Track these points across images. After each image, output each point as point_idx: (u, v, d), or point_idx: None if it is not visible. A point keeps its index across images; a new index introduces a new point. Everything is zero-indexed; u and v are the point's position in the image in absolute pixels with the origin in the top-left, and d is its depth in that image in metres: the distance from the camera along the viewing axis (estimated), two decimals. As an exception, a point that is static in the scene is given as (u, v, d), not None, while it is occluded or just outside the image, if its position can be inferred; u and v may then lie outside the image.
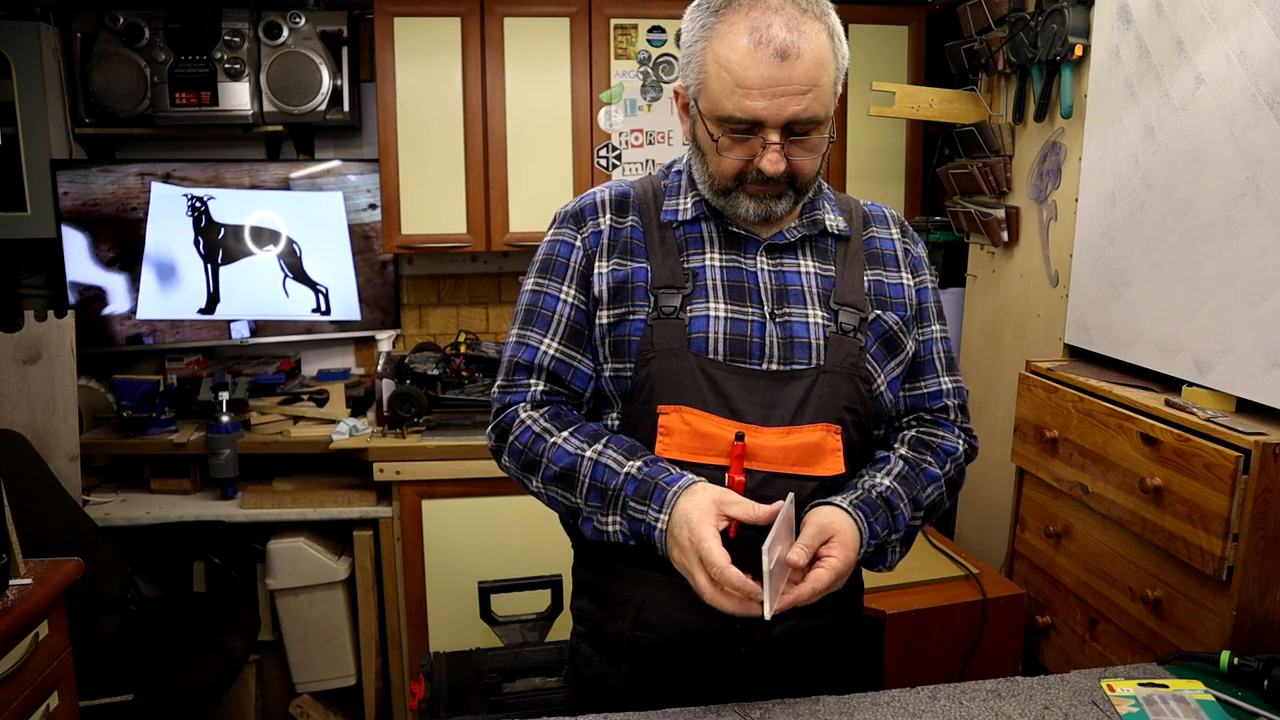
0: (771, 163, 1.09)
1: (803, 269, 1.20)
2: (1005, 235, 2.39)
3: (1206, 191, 1.62)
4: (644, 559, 1.14)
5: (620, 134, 2.76)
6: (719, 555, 0.99)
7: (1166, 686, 1.12)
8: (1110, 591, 1.74)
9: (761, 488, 1.10)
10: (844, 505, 1.09)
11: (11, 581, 1.61)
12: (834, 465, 1.13)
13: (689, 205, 1.21)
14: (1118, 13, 1.90)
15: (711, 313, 1.15)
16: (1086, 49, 2.04)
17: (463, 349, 2.72)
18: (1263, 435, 1.40)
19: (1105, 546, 1.75)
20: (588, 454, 1.11)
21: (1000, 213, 2.39)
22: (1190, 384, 1.65)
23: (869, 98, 2.49)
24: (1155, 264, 1.76)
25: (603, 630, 1.20)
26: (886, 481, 1.15)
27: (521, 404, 1.19)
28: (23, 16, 2.61)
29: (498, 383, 1.24)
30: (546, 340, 1.20)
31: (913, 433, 1.25)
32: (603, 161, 2.76)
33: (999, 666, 1.98)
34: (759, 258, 1.19)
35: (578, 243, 1.23)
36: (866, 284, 1.22)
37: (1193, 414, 1.54)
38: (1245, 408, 1.54)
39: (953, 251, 2.85)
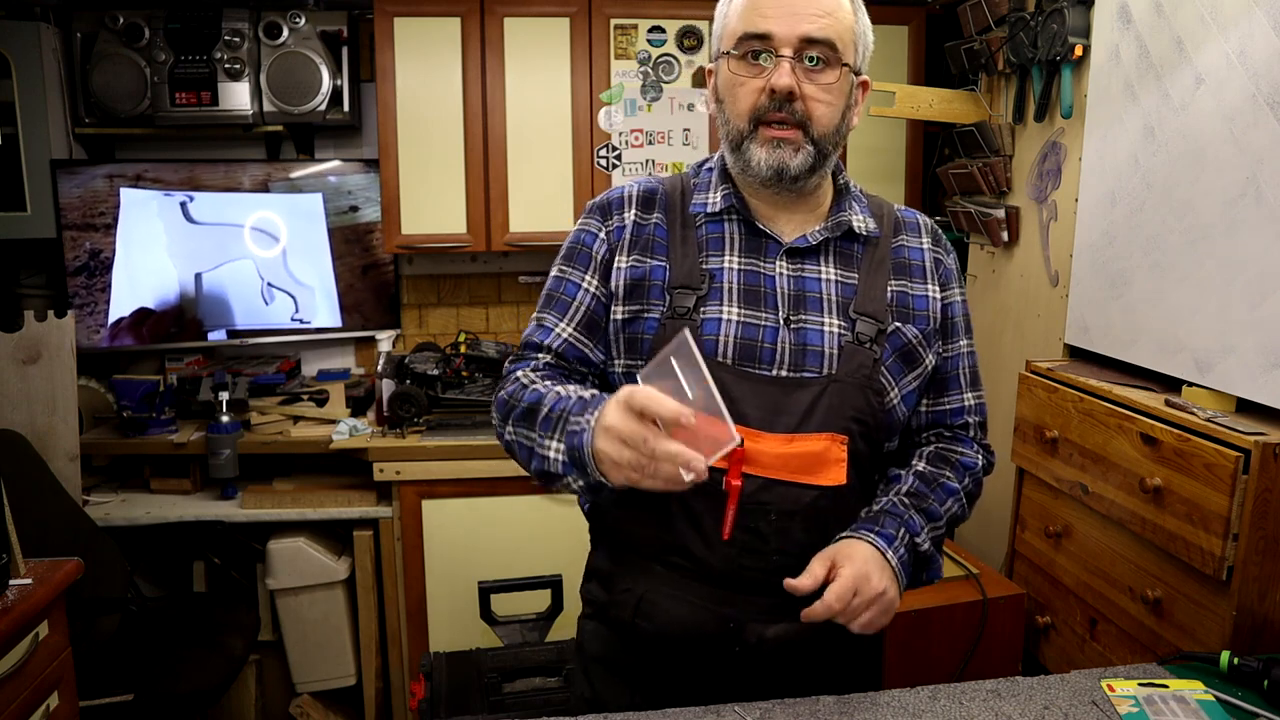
0: (782, 75, 1.09)
1: (824, 275, 1.18)
2: (1005, 235, 2.39)
3: (1206, 191, 1.62)
4: (654, 552, 1.15)
5: (620, 134, 2.76)
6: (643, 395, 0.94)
7: (1166, 686, 1.12)
8: (1110, 591, 1.74)
9: (759, 493, 1.10)
10: (844, 534, 1.11)
11: (11, 581, 1.61)
12: (835, 476, 1.12)
13: (719, 198, 1.20)
14: (1118, 13, 1.90)
15: (724, 316, 1.14)
16: (1086, 49, 2.04)
17: (463, 349, 2.72)
18: (1263, 435, 1.40)
19: (1105, 546, 1.75)
20: (557, 389, 1.10)
21: (1000, 213, 2.39)
22: (1190, 384, 1.65)
23: (869, 98, 2.49)
24: (1155, 264, 1.76)
25: (606, 614, 1.22)
26: (890, 498, 1.15)
27: (523, 370, 1.20)
28: (23, 16, 2.61)
29: (512, 358, 1.25)
30: (562, 324, 1.21)
31: (931, 448, 1.25)
32: (603, 161, 2.76)
33: (999, 666, 1.98)
34: (779, 262, 1.18)
35: (602, 234, 1.23)
36: (889, 294, 1.19)
37: (1193, 414, 1.54)
38: (1245, 408, 1.54)
39: (953, 251, 2.85)
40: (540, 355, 1.20)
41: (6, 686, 1.52)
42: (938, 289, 1.23)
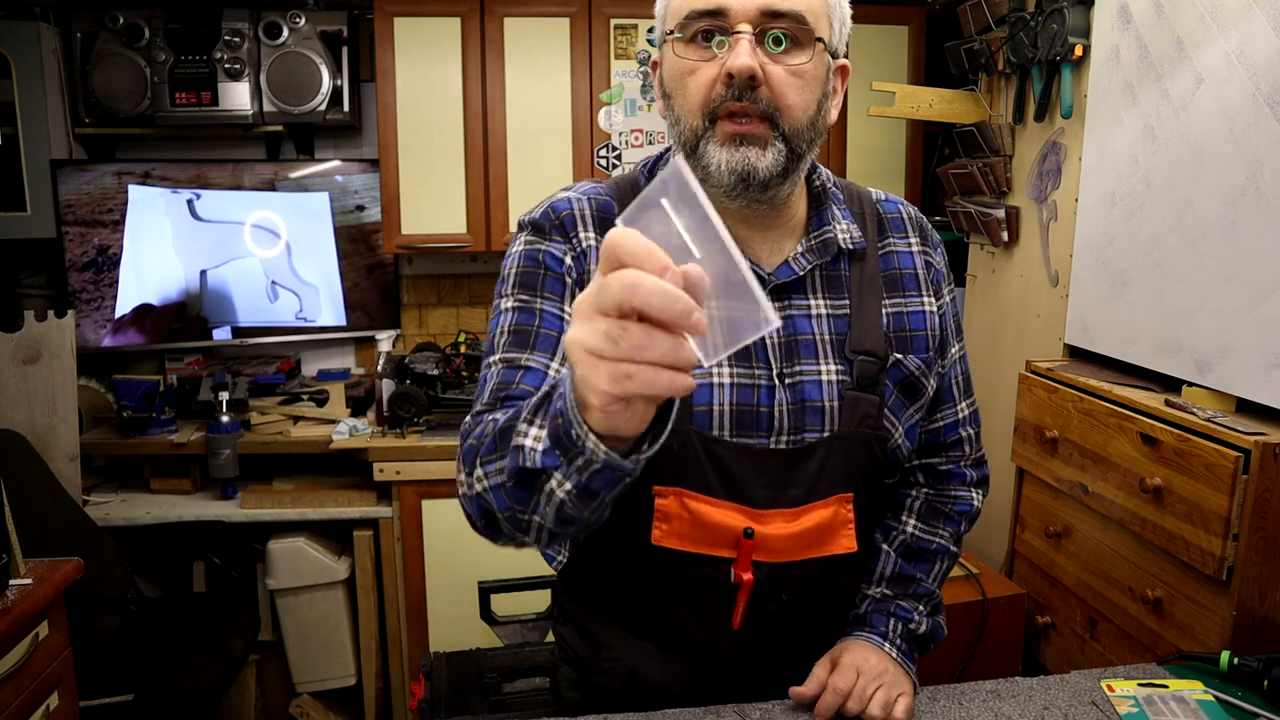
0: (740, 55, 0.88)
1: (814, 311, 1.02)
2: (1005, 235, 2.39)
3: (1206, 191, 1.62)
4: (646, 631, 1.06)
5: (620, 134, 2.76)
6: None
7: (1166, 687, 1.12)
8: (1110, 591, 1.73)
9: (769, 578, 1.00)
10: (841, 641, 1.08)
11: (11, 581, 1.61)
12: (845, 543, 1.02)
13: None
14: (1118, 13, 1.89)
15: (715, 379, 0.97)
16: (1086, 49, 2.04)
17: (463, 349, 2.72)
18: (1263, 435, 1.40)
19: (1105, 546, 1.75)
20: (545, 391, 0.78)
21: (1000, 213, 2.39)
22: (1190, 384, 1.65)
23: (869, 98, 2.49)
24: (1155, 264, 1.76)
25: (589, 679, 1.11)
26: (873, 594, 1.11)
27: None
28: (23, 16, 2.61)
29: (474, 411, 0.93)
30: (555, 363, 0.94)
31: (923, 499, 1.16)
32: (603, 161, 2.76)
33: (999, 666, 1.98)
34: None
35: (568, 258, 1.00)
36: (885, 318, 1.05)
37: (1193, 414, 1.54)
38: (1245, 408, 1.54)
39: (953, 251, 2.84)
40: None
41: (6, 686, 1.52)
42: (931, 298, 1.09)
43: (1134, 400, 1.67)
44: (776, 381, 0.99)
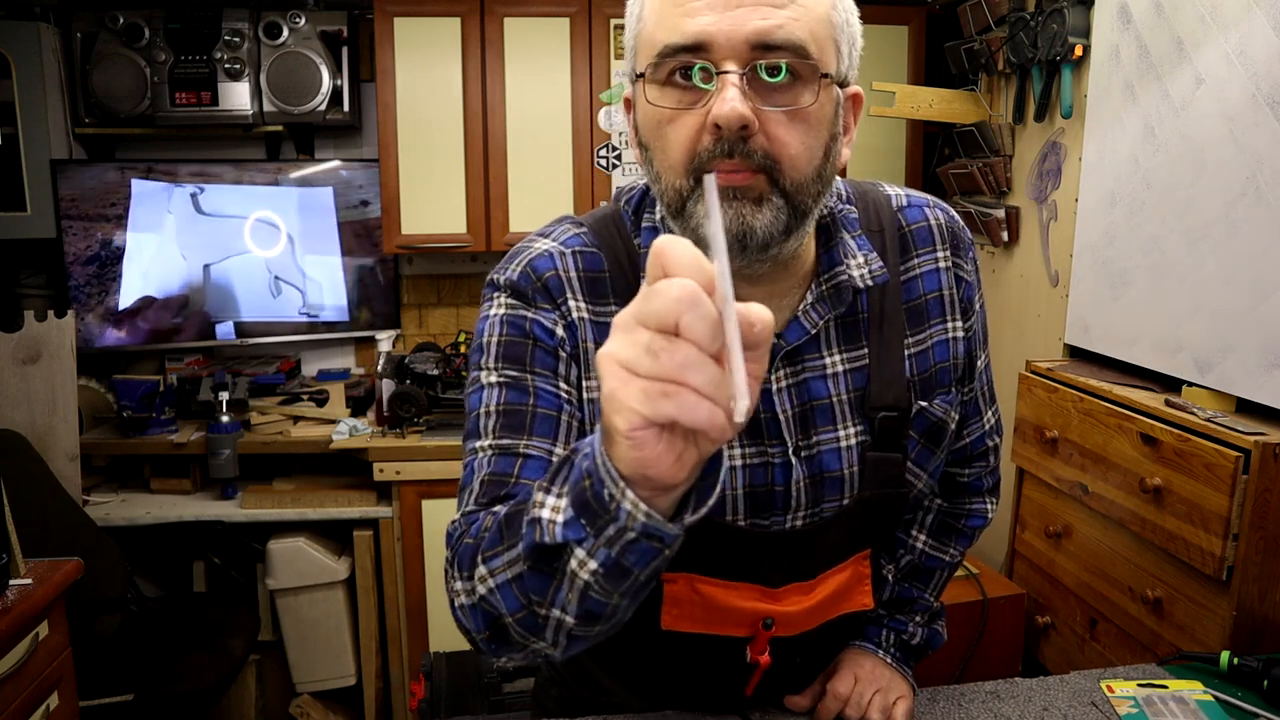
0: (726, 102, 0.73)
1: (829, 369, 0.90)
2: (1005, 235, 2.39)
3: (1206, 191, 1.62)
4: (638, 687, 1.05)
5: (620, 134, 2.75)
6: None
7: (1166, 687, 1.12)
8: (1110, 591, 1.73)
9: (784, 650, 0.96)
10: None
11: (11, 581, 1.61)
12: (862, 600, 0.98)
13: None
14: (1118, 13, 1.89)
15: (725, 461, 0.83)
16: (1086, 49, 2.04)
17: (463, 349, 2.72)
18: (1263, 435, 1.40)
19: (1105, 546, 1.75)
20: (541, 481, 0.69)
21: (1000, 213, 2.39)
22: (1190, 384, 1.65)
23: (869, 98, 2.48)
24: (1155, 264, 1.76)
25: (586, 710, 1.07)
26: (869, 612, 1.08)
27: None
28: (23, 16, 2.61)
29: (464, 509, 0.82)
30: (558, 450, 0.84)
31: (935, 513, 1.12)
32: (602, 161, 2.76)
33: (999, 666, 1.98)
34: (774, 374, 0.89)
35: (559, 329, 0.87)
36: (907, 362, 0.93)
37: (1193, 414, 1.54)
38: (1245, 408, 1.54)
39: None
40: None
41: (6, 686, 1.52)
42: (958, 320, 0.96)
43: (1134, 400, 1.67)
44: (792, 457, 0.89)
